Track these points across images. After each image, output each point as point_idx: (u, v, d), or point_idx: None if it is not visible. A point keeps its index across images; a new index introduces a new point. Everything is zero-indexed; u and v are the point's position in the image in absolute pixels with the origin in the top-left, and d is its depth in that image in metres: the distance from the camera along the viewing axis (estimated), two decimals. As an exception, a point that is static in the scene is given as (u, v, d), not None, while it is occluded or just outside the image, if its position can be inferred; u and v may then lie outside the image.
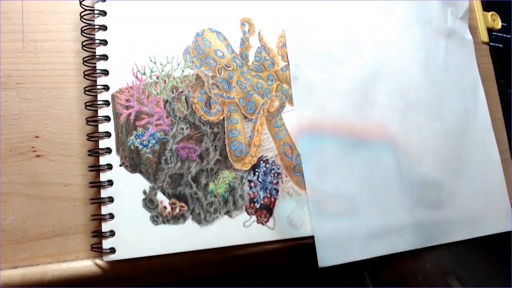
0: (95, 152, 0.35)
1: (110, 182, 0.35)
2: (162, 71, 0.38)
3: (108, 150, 0.35)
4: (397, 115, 0.42)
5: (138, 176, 0.36)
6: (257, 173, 0.38)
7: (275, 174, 0.39)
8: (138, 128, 0.36)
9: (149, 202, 0.36)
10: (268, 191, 0.38)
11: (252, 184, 0.38)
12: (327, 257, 0.38)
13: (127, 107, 0.36)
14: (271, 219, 0.38)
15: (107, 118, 0.36)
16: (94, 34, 0.37)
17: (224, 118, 0.38)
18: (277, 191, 0.38)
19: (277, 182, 0.39)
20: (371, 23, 0.43)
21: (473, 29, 0.51)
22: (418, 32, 0.44)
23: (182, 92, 0.38)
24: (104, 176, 0.35)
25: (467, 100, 0.45)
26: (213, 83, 0.39)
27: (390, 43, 0.43)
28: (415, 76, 0.43)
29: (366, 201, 0.40)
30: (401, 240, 0.40)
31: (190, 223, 0.36)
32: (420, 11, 0.45)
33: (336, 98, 0.41)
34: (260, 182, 0.38)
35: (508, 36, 0.56)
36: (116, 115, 0.36)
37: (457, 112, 0.45)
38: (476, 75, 0.47)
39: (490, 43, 0.53)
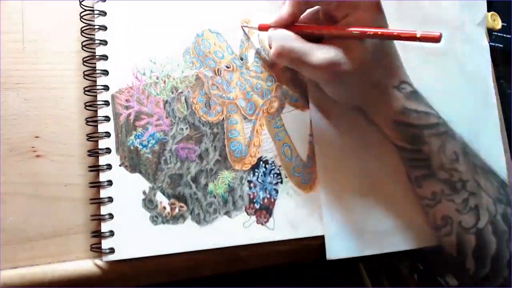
0: (95, 152, 0.35)
1: (110, 182, 0.35)
2: (162, 72, 0.38)
3: (108, 150, 0.36)
4: None
5: (137, 176, 0.36)
6: (256, 174, 0.38)
7: (275, 175, 0.39)
8: (137, 128, 0.36)
9: (149, 202, 0.36)
10: (267, 192, 0.38)
11: (252, 185, 0.38)
12: (335, 250, 0.38)
13: (126, 107, 0.37)
14: (270, 220, 0.38)
15: (107, 118, 0.36)
16: (94, 34, 0.37)
17: (223, 118, 0.38)
18: (276, 191, 0.38)
19: (277, 183, 0.39)
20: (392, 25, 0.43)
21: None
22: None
23: (181, 92, 0.38)
24: (103, 176, 0.35)
25: (479, 107, 0.45)
26: (212, 84, 0.39)
27: (407, 45, 0.43)
28: (430, 79, 0.43)
29: (377, 199, 0.40)
30: (407, 239, 0.40)
31: (189, 223, 0.36)
32: (438, 15, 0.45)
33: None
34: (259, 182, 0.38)
35: (508, 36, 0.56)
36: (116, 115, 0.36)
37: (468, 118, 0.45)
38: (490, 82, 0.47)
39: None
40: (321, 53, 0.33)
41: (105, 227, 0.34)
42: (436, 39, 0.30)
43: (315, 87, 0.40)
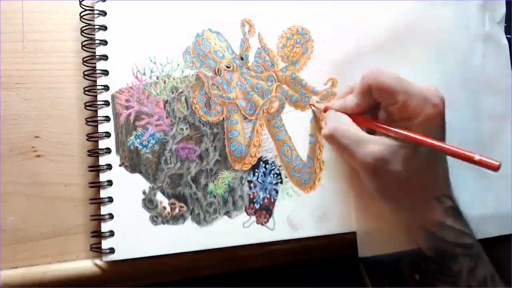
0: (95, 152, 0.35)
1: (110, 182, 0.35)
2: (162, 72, 0.38)
3: (108, 150, 0.36)
4: None
5: (137, 176, 0.36)
6: (256, 174, 0.38)
7: (275, 175, 0.39)
8: (138, 128, 0.36)
9: (149, 202, 0.36)
10: (267, 192, 0.38)
11: (252, 185, 0.38)
12: (367, 248, 0.39)
13: (127, 107, 0.37)
14: (270, 220, 0.38)
15: (107, 118, 0.36)
16: (94, 34, 0.37)
17: (223, 118, 0.38)
18: (276, 191, 0.38)
19: (277, 183, 0.39)
20: (415, 25, 0.43)
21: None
22: (456, 36, 0.45)
23: (182, 92, 0.38)
24: (103, 176, 0.35)
25: (502, 104, 0.46)
26: (213, 84, 0.39)
27: (430, 46, 0.44)
28: (452, 79, 0.44)
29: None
30: None
31: (189, 223, 0.36)
32: (459, 15, 0.45)
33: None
34: (259, 182, 0.38)
35: (508, 36, 0.56)
36: (116, 115, 0.36)
37: (492, 115, 0.45)
38: (509, 80, 0.47)
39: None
40: (372, 146, 0.33)
41: (105, 227, 0.34)
42: (495, 169, 0.29)
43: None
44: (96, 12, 0.37)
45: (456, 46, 0.44)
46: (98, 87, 0.36)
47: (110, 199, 0.35)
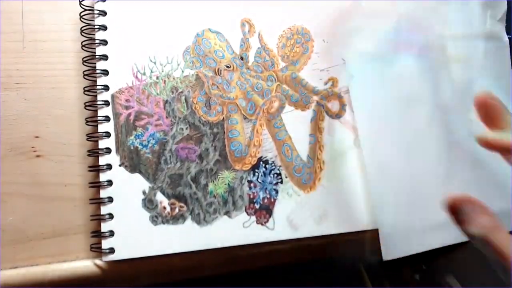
0: (95, 152, 0.35)
1: (110, 182, 0.35)
2: (162, 71, 0.38)
3: (108, 150, 0.36)
4: (438, 115, 0.43)
5: (137, 176, 0.36)
6: (256, 174, 0.38)
7: (275, 175, 0.39)
8: (137, 128, 0.36)
9: (149, 202, 0.36)
10: (267, 192, 0.38)
11: (252, 185, 0.38)
12: (391, 250, 0.39)
13: (126, 107, 0.37)
14: (270, 220, 0.38)
15: (107, 118, 0.36)
16: (94, 34, 0.37)
17: (223, 118, 0.38)
18: (276, 191, 0.38)
19: (277, 183, 0.39)
20: (419, 24, 0.44)
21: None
22: (459, 34, 0.45)
23: (182, 92, 0.38)
24: (103, 176, 0.35)
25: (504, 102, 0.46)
26: (213, 84, 0.39)
27: (433, 44, 0.44)
28: (455, 77, 0.44)
29: (424, 194, 0.41)
30: (450, 233, 0.40)
31: (189, 223, 0.36)
32: (462, 13, 0.46)
33: (385, 97, 0.42)
34: (259, 182, 0.38)
35: (508, 36, 0.56)
36: (116, 115, 0.36)
37: None
38: (509, 77, 0.47)
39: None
40: None
41: (105, 227, 0.34)
42: None
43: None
44: (96, 12, 0.37)
45: (458, 45, 0.45)
46: (98, 87, 0.36)
47: (110, 199, 0.35)
